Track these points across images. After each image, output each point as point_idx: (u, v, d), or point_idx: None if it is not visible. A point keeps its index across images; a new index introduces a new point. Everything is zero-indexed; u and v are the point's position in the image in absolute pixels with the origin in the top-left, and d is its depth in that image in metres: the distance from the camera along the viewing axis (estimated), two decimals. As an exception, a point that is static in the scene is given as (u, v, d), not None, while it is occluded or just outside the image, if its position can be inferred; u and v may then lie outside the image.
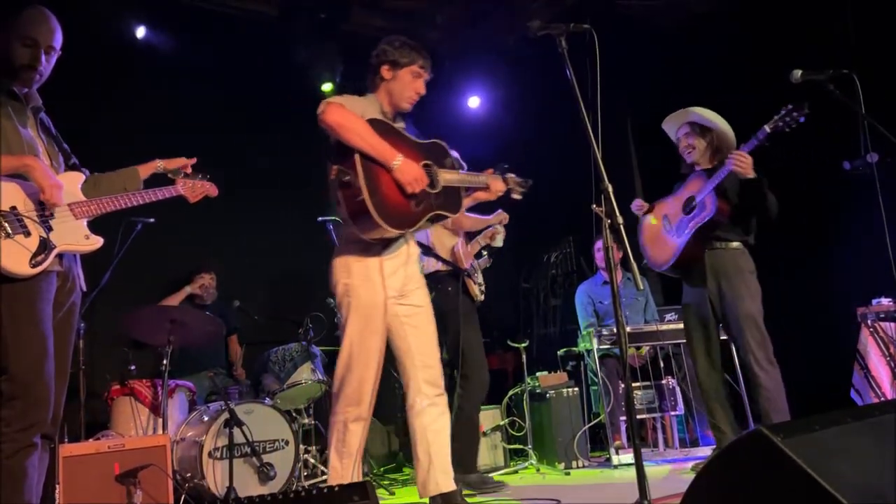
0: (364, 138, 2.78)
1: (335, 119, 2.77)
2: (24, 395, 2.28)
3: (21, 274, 2.33)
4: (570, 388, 4.97)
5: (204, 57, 5.66)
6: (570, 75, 2.62)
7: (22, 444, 2.27)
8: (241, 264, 5.64)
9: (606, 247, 2.45)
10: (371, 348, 2.91)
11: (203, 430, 3.82)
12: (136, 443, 3.41)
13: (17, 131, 2.49)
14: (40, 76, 2.58)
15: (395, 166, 2.82)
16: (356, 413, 2.89)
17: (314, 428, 4.88)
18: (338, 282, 2.94)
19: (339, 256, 2.97)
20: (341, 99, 2.89)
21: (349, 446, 2.88)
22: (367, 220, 2.76)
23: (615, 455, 4.58)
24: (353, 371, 2.89)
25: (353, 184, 2.74)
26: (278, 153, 6.05)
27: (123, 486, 3.21)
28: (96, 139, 2.69)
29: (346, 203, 2.78)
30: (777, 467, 1.38)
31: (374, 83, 3.10)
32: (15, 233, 2.35)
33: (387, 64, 3.05)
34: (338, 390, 2.91)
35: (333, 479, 2.88)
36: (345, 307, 2.93)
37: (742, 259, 3.80)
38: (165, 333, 3.89)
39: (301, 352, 4.58)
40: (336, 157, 2.82)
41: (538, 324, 6.80)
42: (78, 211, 2.56)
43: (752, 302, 3.73)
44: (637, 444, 2.39)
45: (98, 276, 4.12)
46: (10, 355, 2.29)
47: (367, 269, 2.92)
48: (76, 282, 2.61)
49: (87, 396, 4.04)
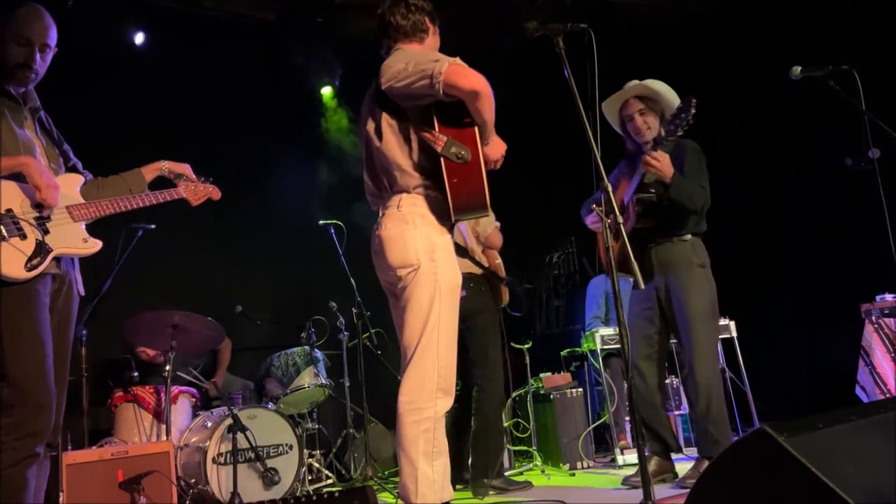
0: (493, 109, 2.50)
1: (476, 85, 2.41)
2: (24, 403, 2.24)
3: (17, 278, 2.29)
4: (574, 388, 4.96)
5: (202, 63, 5.66)
6: (568, 75, 2.60)
7: (23, 455, 2.22)
8: (243, 269, 5.63)
9: (606, 246, 2.44)
10: (456, 331, 2.60)
11: (207, 436, 3.82)
12: (139, 449, 3.40)
13: (13, 131, 2.44)
14: (36, 75, 2.53)
15: (492, 142, 2.60)
16: (445, 403, 2.52)
17: (318, 432, 4.88)
18: (419, 262, 2.53)
19: (416, 233, 2.54)
20: (458, 59, 2.49)
21: (441, 444, 2.50)
22: (475, 199, 2.51)
23: (620, 455, 4.56)
24: (446, 356, 2.54)
25: (466, 158, 2.46)
26: (276, 157, 6.06)
27: (127, 493, 3.21)
28: (93, 146, 2.66)
29: (453, 177, 2.47)
30: (781, 466, 1.37)
31: (421, 36, 2.73)
32: (11, 236, 2.31)
33: (428, 16, 2.75)
34: (422, 382, 2.50)
35: (429, 489, 2.43)
36: (428, 287, 2.53)
37: (691, 252, 3.60)
38: (167, 339, 3.89)
39: (304, 356, 4.58)
40: (440, 123, 2.51)
41: (541, 325, 6.79)
42: (76, 213, 2.51)
43: (700, 298, 3.53)
44: (641, 445, 2.38)
45: (100, 283, 4.13)
46: (9, 362, 2.24)
47: (448, 249, 2.61)
48: (74, 286, 2.56)
49: (90, 404, 4.03)
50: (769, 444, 1.38)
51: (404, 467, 2.49)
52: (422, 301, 2.52)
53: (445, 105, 2.49)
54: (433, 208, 2.56)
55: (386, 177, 2.64)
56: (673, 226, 3.61)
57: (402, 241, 2.54)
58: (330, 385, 4.59)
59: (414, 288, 2.53)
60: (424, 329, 2.51)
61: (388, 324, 3.10)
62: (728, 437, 3.47)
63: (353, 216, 5.01)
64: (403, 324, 2.58)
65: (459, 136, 2.48)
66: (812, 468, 1.32)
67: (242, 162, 5.76)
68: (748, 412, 4.69)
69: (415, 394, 2.50)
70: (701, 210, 3.58)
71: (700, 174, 3.61)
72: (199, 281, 5.33)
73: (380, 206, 2.69)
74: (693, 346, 3.49)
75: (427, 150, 2.52)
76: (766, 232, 5.55)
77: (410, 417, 2.49)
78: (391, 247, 2.56)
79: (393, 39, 2.71)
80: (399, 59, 2.54)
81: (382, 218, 2.63)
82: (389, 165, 2.59)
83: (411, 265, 2.53)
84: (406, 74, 2.47)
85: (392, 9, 2.71)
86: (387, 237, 2.57)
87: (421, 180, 2.55)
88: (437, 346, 2.52)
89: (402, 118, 2.57)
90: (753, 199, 5.62)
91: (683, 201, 3.49)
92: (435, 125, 2.50)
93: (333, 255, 4.97)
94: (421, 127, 2.52)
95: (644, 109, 3.68)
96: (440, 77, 2.37)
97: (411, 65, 2.46)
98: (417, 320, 2.52)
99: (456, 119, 2.50)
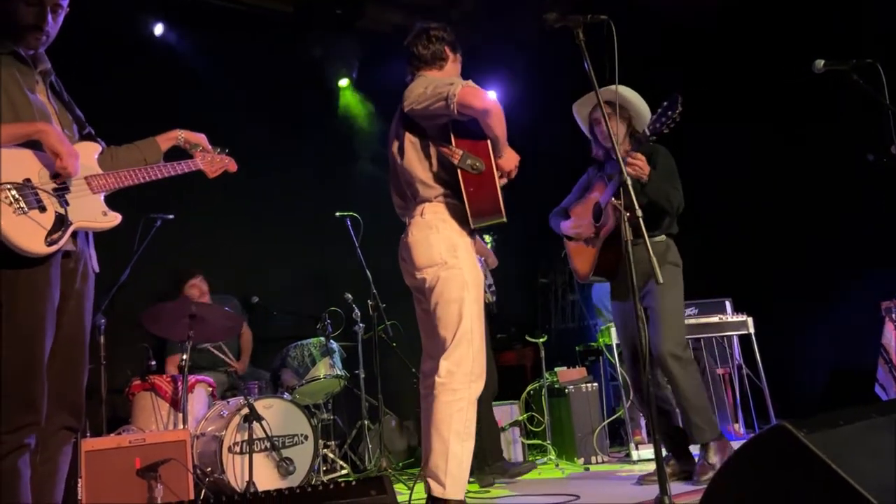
0: (504, 125, 2.78)
1: (485, 104, 2.68)
2: (14, 396, 2.11)
3: (36, 252, 2.14)
4: (590, 383, 4.95)
5: (221, 54, 5.69)
6: (588, 67, 2.60)
7: (12, 447, 2.10)
8: (259, 260, 5.66)
9: (625, 240, 2.42)
10: (483, 320, 2.84)
11: (223, 425, 3.85)
12: (156, 437, 3.43)
13: (26, 96, 2.28)
14: (47, 37, 2.36)
15: (506, 154, 2.85)
16: (478, 387, 2.76)
17: (333, 423, 4.90)
18: (443, 260, 2.78)
19: (439, 236, 2.81)
20: (470, 81, 2.78)
21: (472, 427, 2.72)
22: (489, 205, 2.77)
23: (635, 450, 4.55)
24: (477, 343, 2.77)
25: (481, 169, 2.74)
26: (294, 149, 6.08)
27: (145, 481, 3.24)
28: (112, 138, 2.63)
29: (469, 187, 2.75)
30: (800, 463, 1.36)
31: (440, 63, 3.01)
32: (30, 208, 2.15)
33: (448, 45, 3.02)
34: (458, 366, 2.71)
35: (458, 468, 2.65)
36: (457, 282, 2.77)
37: (666, 251, 3.61)
38: (185, 329, 3.91)
39: (319, 347, 4.60)
40: (456, 138, 2.78)
41: (556, 319, 6.78)
42: (95, 184, 2.36)
43: (672, 295, 3.55)
44: (657, 440, 2.37)
45: (118, 273, 4.16)
46: (4, 351, 2.10)
47: (469, 249, 2.86)
48: (88, 263, 2.41)
49: (109, 391, 4.07)
50: (788, 441, 1.37)
51: (435, 445, 2.67)
52: (452, 295, 2.76)
53: (460, 123, 2.78)
54: (454, 214, 2.83)
55: (409, 189, 2.92)
56: (648, 226, 3.57)
57: (427, 243, 2.81)
58: (345, 376, 4.61)
59: (444, 285, 2.77)
60: (460, 321, 2.74)
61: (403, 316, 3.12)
62: (712, 423, 3.46)
63: (369, 208, 5.02)
64: (436, 319, 2.79)
65: (474, 149, 2.77)
66: (832, 465, 1.30)
67: (259, 154, 5.77)
68: (765, 410, 4.66)
69: (451, 376, 2.70)
70: (676, 211, 3.59)
71: (674, 177, 3.61)
72: (215, 272, 5.36)
73: (406, 216, 2.96)
74: (663, 339, 3.47)
75: (445, 163, 2.80)
76: (786, 228, 5.50)
77: (446, 397, 2.68)
78: (417, 250, 2.83)
79: (416, 67, 3.01)
80: (419, 85, 2.83)
81: (408, 227, 2.91)
82: (412, 179, 2.88)
83: (436, 264, 2.78)
84: (425, 97, 2.76)
85: (415, 40, 3.02)
86: (413, 242, 2.85)
87: (441, 190, 2.83)
88: (472, 335, 2.75)
89: (422, 136, 2.86)
90: (773, 194, 5.57)
91: (661, 201, 3.50)
92: (452, 140, 2.78)
93: (350, 247, 4.98)
94: (439, 143, 2.82)
95: (611, 114, 3.62)
96: (454, 98, 2.65)
97: (430, 89, 2.75)
98: (452, 314, 2.76)
99: (470, 134, 2.79)
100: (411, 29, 3.08)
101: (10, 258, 2.12)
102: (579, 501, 3.25)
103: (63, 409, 2.30)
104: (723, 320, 4.80)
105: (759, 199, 5.62)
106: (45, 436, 2.23)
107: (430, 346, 2.95)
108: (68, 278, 2.31)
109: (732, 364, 5.01)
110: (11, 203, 2.12)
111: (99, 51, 5.06)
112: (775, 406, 4.60)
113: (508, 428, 4.99)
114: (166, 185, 2.75)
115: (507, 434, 4.99)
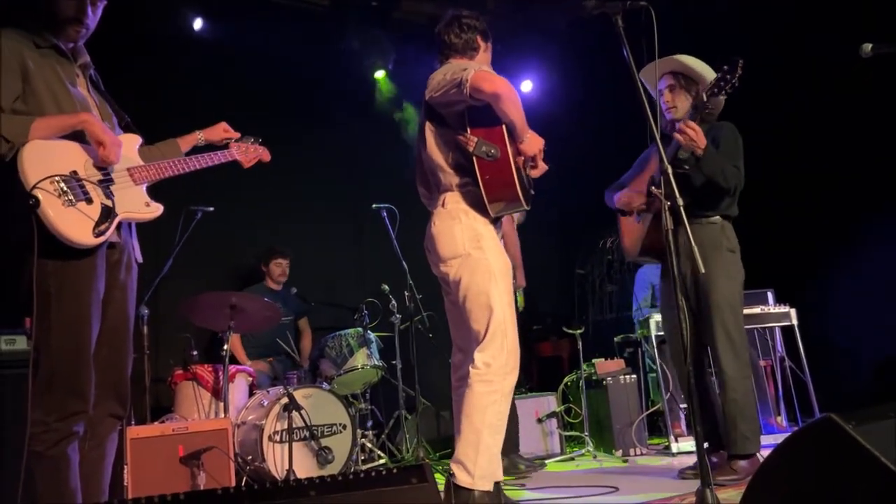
0: (519, 110, 2.70)
1: (498, 88, 2.61)
2: (63, 385, 2.16)
3: (85, 243, 2.17)
4: (628, 374, 4.90)
5: (259, 48, 5.74)
6: (628, 55, 2.56)
7: (62, 435, 2.15)
8: (297, 251, 5.72)
9: (666, 229, 2.39)
10: (514, 310, 2.77)
11: (263, 415, 3.90)
12: (199, 426, 3.50)
13: (67, 89, 2.30)
14: (87, 30, 2.37)
15: (527, 139, 2.78)
16: (513, 379, 2.70)
17: (371, 412, 4.94)
18: (466, 251, 2.74)
19: (462, 226, 2.76)
20: (487, 67, 2.79)
21: (503, 420, 2.68)
22: (507, 192, 2.71)
23: (674, 443, 4.50)
24: (511, 335, 2.71)
25: (496, 155, 2.67)
26: (331, 141, 6.12)
27: (188, 468, 3.31)
28: (150, 130, 2.66)
29: (485, 174, 2.69)
30: (849, 456, 1.33)
31: (471, 53, 2.96)
32: (77, 200, 2.18)
33: (480, 34, 2.98)
34: (494, 358, 2.65)
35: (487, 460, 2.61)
36: (484, 273, 2.71)
37: (721, 235, 3.40)
38: (225, 319, 3.97)
39: (357, 338, 4.63)
40: (472, 126, 2.73)
41: (594, 310, 6.72)
42: (137, 176, 2.39)
43: (727, 284, 3.34)
44: (699, 432, 2.33)
45: (160, 264, 4.25)
46: (53, 340, 2.15)
47: (493, 237, 2.81)
48: (132, 254, 2.45)
49: (152, 381, 4.16)
50: (837, 433, 1.34)
51: (466, 434, 2.62)
52: (480, 287, 2.71)
53: (476, 109, 2.72)
54: (474, 204, 2.78)
55: (433, 178, 2.91)
56: (703, 205, 3.39)
57: (450, 234, 2.78)
58: (383, 366, 4.64)
59: (471, 277, 2.72)
60: (492, 314, 2.68)
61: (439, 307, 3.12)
62: (758, 433, 3.30)
63: (406, 199, 5.03)
64: (465, 312, 2.74)
65: (489, 135, 2.71)
66: (882, 458, 1.27)
67: (296, 146, 5.82)
68: (808, 403, 4.57)
69: (487, 368, 2.64)
70: (734, 191, 3.37)
71: (736, 154, 3.40)
72: (256, 263, 5.44)
73: (431, 206, 2.94)
74: (717, 335, 3.30)
75: (463, 150, 2.76)
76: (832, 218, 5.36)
77: (481, 388, 2.63)
78: (441, 240, 2.80)
79: (445, 56, 2.98)
80: (440, 72, 2.79)
81: (433, 216, 2.89)
82: (434, 167, 2.86)
83: (460, 255, 2.75)
84: (442, 84, 2.72)
85: (447, 28, 2.98)
86: (436, 233, 2.82)
87: (460, 178, 2.80)
88: (505, 326, 2.69)
89: (442, 124, 2.84)
90: (820, 183, 5.43)
91: (716, 178, 3.28)
92: (467, 128, 2.74)
93: (386, 239, 5.00)
94: (457, 130, 2.77)
95: (675, 86, 3.51)
96: (467, 83, 2.60)
97: (448, 75, 2.71)
98: (481, 307, 2.70)
99: (485, 121, 2.73)
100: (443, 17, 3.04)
101: (58, 249, 2.16)
102: (618, 493, 3.23)
103: (109, 398, 2.35)
104: (765, 311, 4.71)
105: (805, 188, 5.49)
106: (93, 423, 2.28)
107: (458, 337, 2.92)
108: (113, 269, 2.34)
109: (774, 356, 4.92)
110: (60, 195, 2.16)
111: (137, 46, 5.14)
112: (819, 399, 4.50)
113: (545, 419, 4.97)
114: (207, 178, 2.79)
115: (545, 425, 4.98)
